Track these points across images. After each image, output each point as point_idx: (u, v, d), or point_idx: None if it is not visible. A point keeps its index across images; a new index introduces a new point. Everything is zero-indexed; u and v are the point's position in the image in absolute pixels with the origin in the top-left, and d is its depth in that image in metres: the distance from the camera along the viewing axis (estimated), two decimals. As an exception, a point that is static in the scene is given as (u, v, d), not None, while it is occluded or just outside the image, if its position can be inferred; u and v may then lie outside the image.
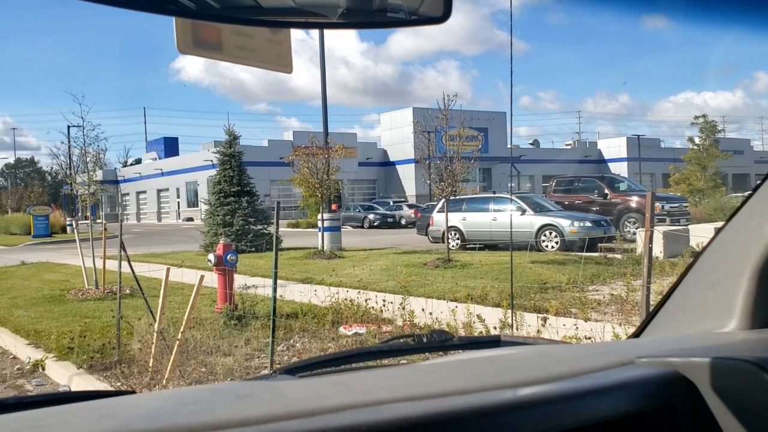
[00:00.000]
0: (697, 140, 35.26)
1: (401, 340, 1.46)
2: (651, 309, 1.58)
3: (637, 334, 1.50)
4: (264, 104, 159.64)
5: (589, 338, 5.64)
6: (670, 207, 19.30)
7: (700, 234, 12.18)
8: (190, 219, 53.37)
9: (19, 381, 6.40)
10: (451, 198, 14.88)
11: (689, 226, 15.47)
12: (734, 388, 0.96)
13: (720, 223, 1.43)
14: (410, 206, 37.86)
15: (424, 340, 1.40)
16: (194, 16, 0.79)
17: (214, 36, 0.99)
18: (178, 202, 60.08)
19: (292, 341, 6.87)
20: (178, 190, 59.68)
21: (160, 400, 0.93)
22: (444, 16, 0.82)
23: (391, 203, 40.38)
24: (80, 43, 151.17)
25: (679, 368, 1.02)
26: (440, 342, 1.41)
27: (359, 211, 37.93)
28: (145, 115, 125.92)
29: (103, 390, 1.55)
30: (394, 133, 56.61)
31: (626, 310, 7.67)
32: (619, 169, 57.75)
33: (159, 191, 63.13)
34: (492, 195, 19.24)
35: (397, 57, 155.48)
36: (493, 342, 1.48)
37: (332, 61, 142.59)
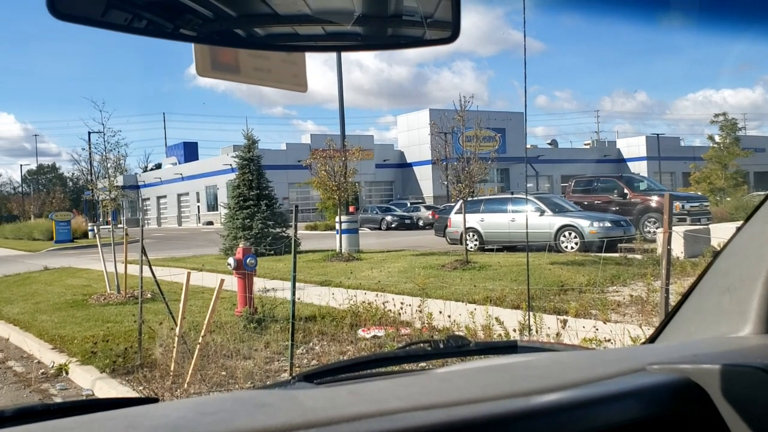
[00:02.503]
0: (717, 138, 34.78)
1: (418, 346, 1.47)
2: (668, 312, 1.59)
3: (652, 339, 1.51)
4: (280, 108, 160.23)
5: (609, 340, 5.62)
6: (691, 206, 19.08)
7: (720, 233, 12.04)
8: (210, 223, 53.77)
9: (43, 385, 6.50)
10: (469, 199, 14.84)
11: (710, 226, 15.30)
12: (745, 394, 0.97)
13: (741, 222, 1.43)
14: (428, 207, 37.76)
15: (441, 345, 1.41)
16: (213, 42, 0.82)
17: (232, 59, 1.02)
18: (198, 207, 60.54)
19: (311, 344, 6.91)
20: (198, 194, 60.14)
21: (183, 409, 0.95)
22: (453, 36, 0.84)
23: (409, 205, 40.27)
24: (100, 50, 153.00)
25: (691, 375, 1.03)
26: (457, 347, 1.42)
27: (377, 213, 37.91)
28: (164, 121, 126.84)
29: (127, 398, 1.59)
30: (411, 135, 56.55)
31: (647, 311, 7.61)
32: (639, 168, 57.17)
33: (179, 196, 63.66)
34: (510, 196, 19.15)
35: (411, 59, 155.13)
36: (509, 347, 1.49)
37: (347, 64, 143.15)
